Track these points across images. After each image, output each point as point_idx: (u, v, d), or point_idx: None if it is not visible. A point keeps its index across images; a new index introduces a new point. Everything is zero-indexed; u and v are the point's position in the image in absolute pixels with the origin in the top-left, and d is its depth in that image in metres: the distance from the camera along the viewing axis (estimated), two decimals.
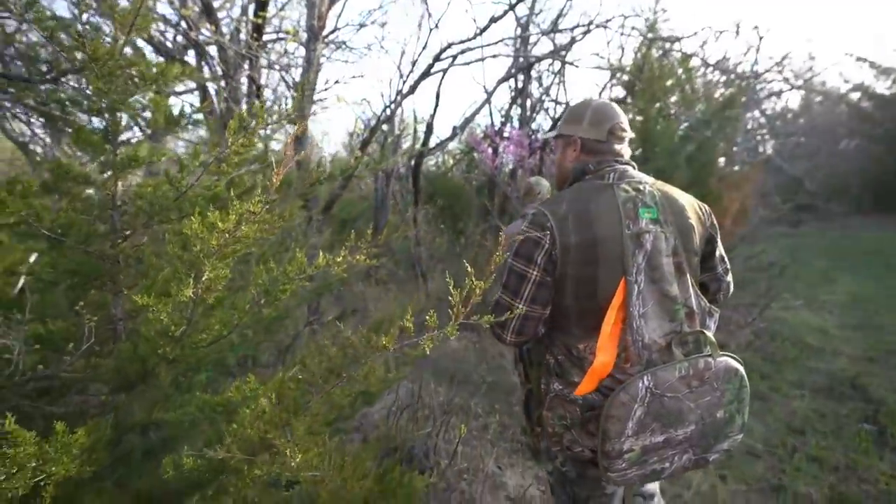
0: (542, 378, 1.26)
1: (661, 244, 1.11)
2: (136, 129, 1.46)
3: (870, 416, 2.94)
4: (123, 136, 1.37)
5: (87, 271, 1.22)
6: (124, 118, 1.31)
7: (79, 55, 1.17)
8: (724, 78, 4.92)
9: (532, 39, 7.68)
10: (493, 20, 3.88)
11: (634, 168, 1.24)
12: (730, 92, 4.74)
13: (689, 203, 1.22)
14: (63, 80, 1.31)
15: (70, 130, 1.21)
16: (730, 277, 1.35)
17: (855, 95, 14.31)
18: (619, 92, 6.12)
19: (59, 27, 1.22)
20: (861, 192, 14.01)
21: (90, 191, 1.34)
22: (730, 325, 4.35)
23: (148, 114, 1.40)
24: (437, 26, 4.44)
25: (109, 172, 1.29)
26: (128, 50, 1.20)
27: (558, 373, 1.18)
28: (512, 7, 4.61)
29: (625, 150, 1.26)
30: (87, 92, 1.15)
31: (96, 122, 1.35)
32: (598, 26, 6.28)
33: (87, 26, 1.24)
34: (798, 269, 6.26)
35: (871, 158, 12.73)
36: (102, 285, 1.36)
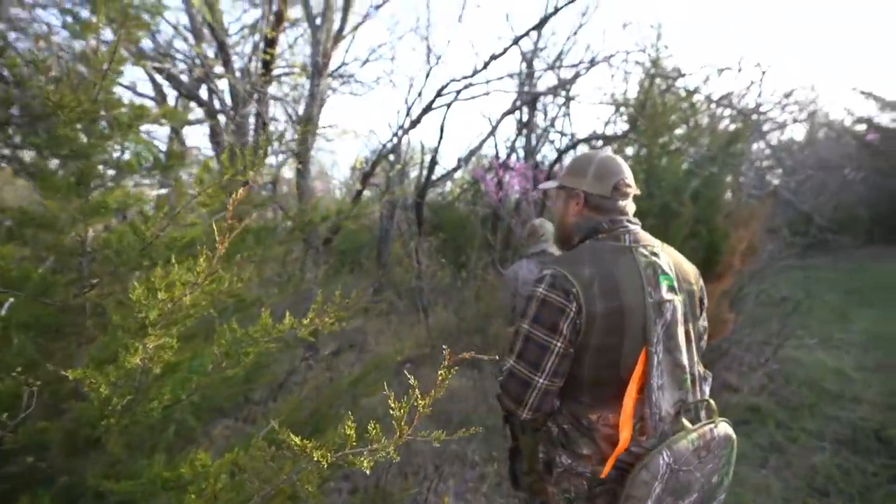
0: (540, 446, 1.17)
1: (678, 313, 1.08)
2: (113, 172, 1.41)
3: None
4: (111, 177, 1.32)
5: (47, 323, 1.15)
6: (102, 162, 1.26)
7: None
8: (728, 112, 4.93)
9: (537, 74, 7.79)
10: (494, 57, 3.92)
11: (640, 227, 1.20)
12: (735, 127, 4.71)
13: (691, 268, 1.20)
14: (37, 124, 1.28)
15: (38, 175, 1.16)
16: (705, 339, 1.30)
17: (860, 128, 14.34)
18: (623, 126, 6.12)
19: (34, 70, 1.19)
20: (871, 226, 13.82)
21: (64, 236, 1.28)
22: (742, 367, 4.17)
23: (127, 156, 1.35)
24: (438, 62, 4.49)
25: (80, 219, 1.23)
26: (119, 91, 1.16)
27: (564, 443, 1.10)
28: (516, 41, 4.66)
29: (629, 206, 1.20)
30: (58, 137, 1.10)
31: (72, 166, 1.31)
32: (601, 61, 6.36)
33: (66, 67, 1.20)
34: (811, 304, 6.07)
35: (879, 190, 12.62)
36: (67, 337, 1.28)
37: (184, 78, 5.79)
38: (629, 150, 6.22)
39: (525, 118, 8.06)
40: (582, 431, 1.07)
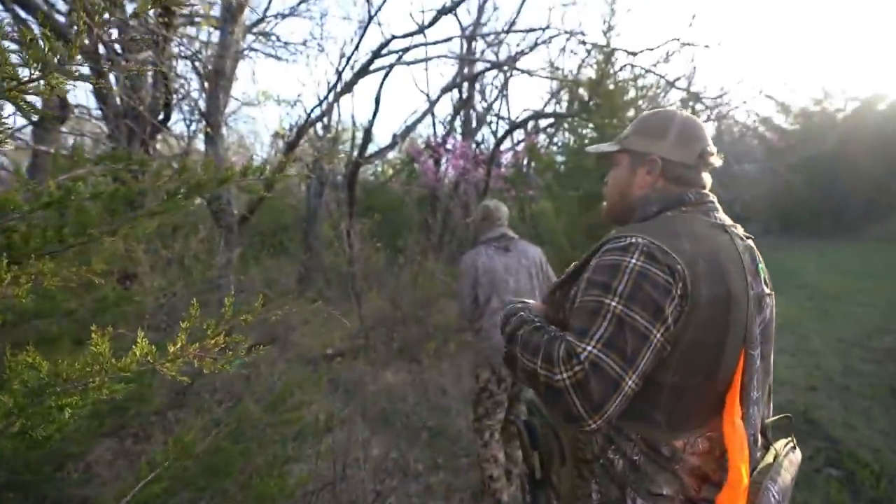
0: (593, 485, 0.84)
1: (774, 312, 0.91)
2: None
3: (833, 458, 2.79)
4: None
5: None
6: None
7: None
8: (680, 96, 4.98)
9: (478, 53, 7.44)
10: (443, 12, 3.49)
11: None
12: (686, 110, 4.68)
13: None
14: None
15: None
16: None
17: (762, 128, 15.78)
18: (564, 107, 5.98)
19: None
20: (769, 218, 15.31)
21: None
22: None
23: None
24: (376, 15, 3.95)
25: None
26: None
27: (633, 480, 0.80)
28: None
29: (709, 181, 0.96)
30: None
31: None
32: (541, 43, 6.14)
33: None
34: None
35: (779, 186, 13.96)
36: None
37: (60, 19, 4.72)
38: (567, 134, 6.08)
39: (465, 96, 7.71)
40: (661, 464, 0.79)
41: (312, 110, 4.01)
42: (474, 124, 7.94)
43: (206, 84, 4.15)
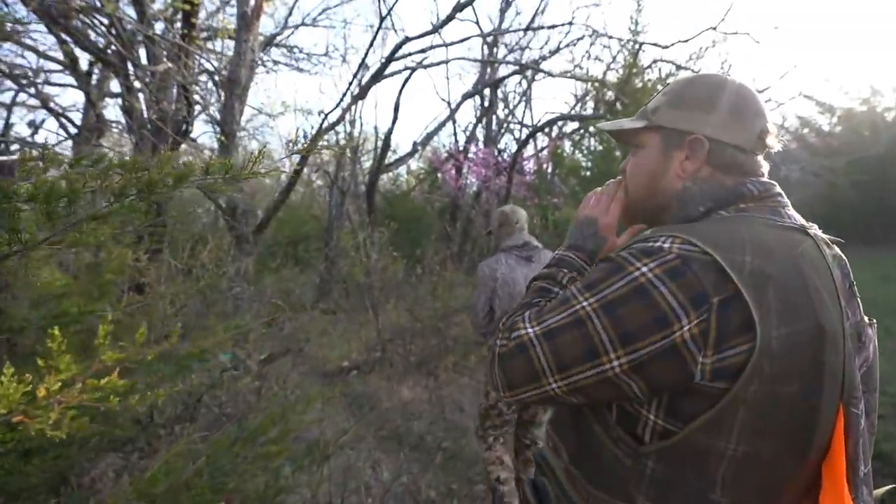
0: None
1: (876, 347, 0.67)
2: None
3: None
4: None
5: None
6: None
7: None
8: None
9: (499, 57, 7.29)
10: (458, 8, 3.34)
11: None
12: None
13: None
14: None
15: None
16: None
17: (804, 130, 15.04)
18: (590, 109, 5.74)
19: None
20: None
21: None
22: None
23: None
24: (388, 14, 3.85)
25: None
26: None
27: None
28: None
29: (766, 169, 0.72)
30: None
31: None
32: (565, 47, 5.94)
33: None
34: None
35: (818, 189, 13.24)
36: None
37: (99, 41, 4.84)
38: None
39: (486, 104, 7.57)
40: None
41: (327, 115, 3.92)
42: (496, 131, 7.78)
43: (221, 93, 4.14)
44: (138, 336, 0.68)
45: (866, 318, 0.65)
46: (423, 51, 3.83)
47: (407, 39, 3.39)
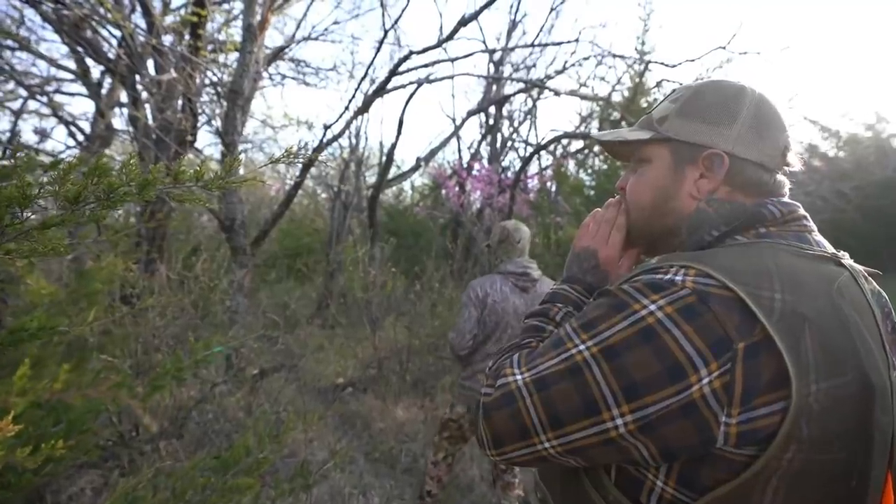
0: None
1: None
2: None
3: None
4: None
5: None
6: None
7: None
8: None
9: (505, 75, 7.33)
10: (462, 23, 3.33)
11: None
12: None
13: None
14: None
15: None
16: None
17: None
18: (595, 128, 5.73)
19: None
20: None
21: None
22: None
23: None
24: (393, 27, 3.85)
25: None
26: None
27: None
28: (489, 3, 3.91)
29: (787, 188, 0.64)
30: None
31: None
32: (571, 66, 5.95)
33: None
34: None
35: (829, 216, 13.14)
36: None
37: (110, 54, 4.89)
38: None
39: (491, 122, 7.58)
40: None
41: (329, 127, 3.89)
42: (500, 149, 7.77)
43: (222, 101, 4.14)
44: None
45: None
46: (428, 65, 3.82)
47: (411, 53, 3.38)
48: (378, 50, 3.95)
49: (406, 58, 3.42)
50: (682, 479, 0.49)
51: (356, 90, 3.97)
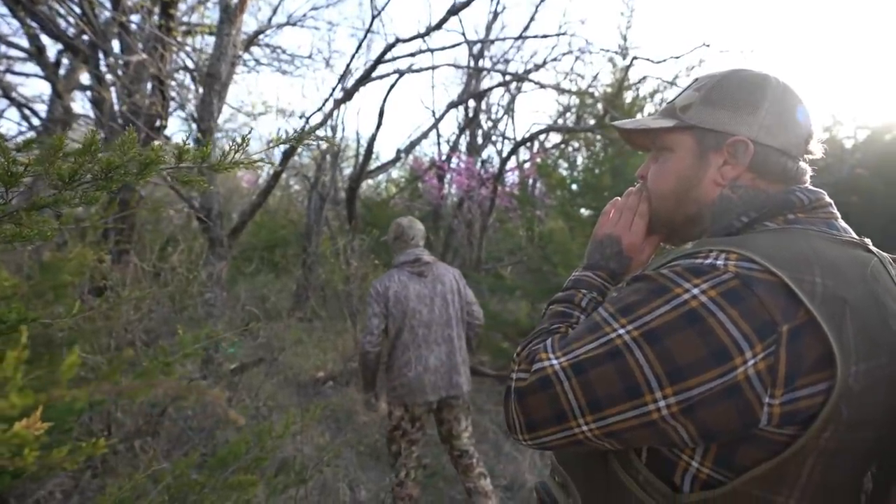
0: None
1: None
2: None
3: None
4: None
5: None
6: None
7: None
8: None
9: (484, 70, 7.32)
10: (451, 12, 3.28)
11: None
12: None
13: None
14: None
15: None
16: None
17: None
18: (572, 121, 5.78)
19: None
20: None
21: None
22: None
23: None
24: (378, 14, 3.77)
25: None
26: None
27: None
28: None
29: (809, 176, 0.65)
30: None
31: None
32: (552, 60, 5.98)
33: None
34: None
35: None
36: None
37: (70, 30, 4.59)
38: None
39: (471, 114, 7.56)
40: None
41: (308, 118, 3.79)
42: (480, 142, 7.77)
43: (199, 89, 3.97)
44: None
45: None
46: (411, 55, 3.76)
47: (398, 41, 3.31)
48: (364, 39, 3.85)
49: (392, 45, 3.35)
50: (719, 460, 0.50)
51: (339, 81, 3.87)
